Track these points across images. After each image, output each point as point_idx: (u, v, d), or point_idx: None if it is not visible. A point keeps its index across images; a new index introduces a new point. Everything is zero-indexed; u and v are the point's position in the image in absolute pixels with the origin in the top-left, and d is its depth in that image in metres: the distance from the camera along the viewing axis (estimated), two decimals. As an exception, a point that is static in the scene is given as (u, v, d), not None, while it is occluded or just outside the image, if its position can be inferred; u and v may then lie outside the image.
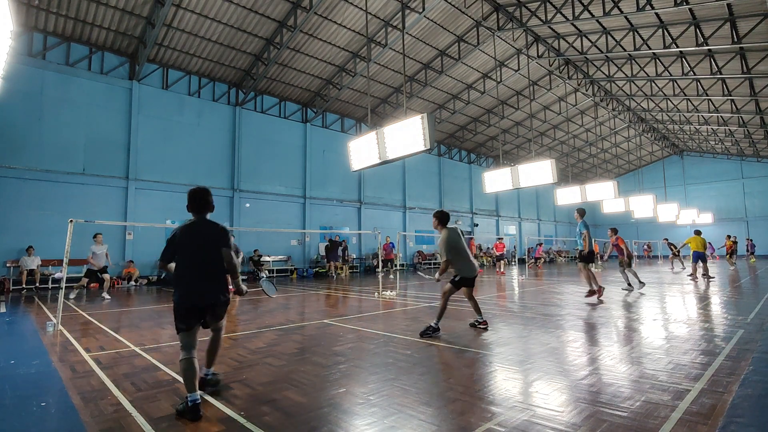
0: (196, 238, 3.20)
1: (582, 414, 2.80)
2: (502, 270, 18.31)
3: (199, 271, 3.15)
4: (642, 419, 2.70)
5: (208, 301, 3.16)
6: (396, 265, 16.56)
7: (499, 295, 10.30)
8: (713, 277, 13.20)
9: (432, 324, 5.42)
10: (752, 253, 24.77)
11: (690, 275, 13.07)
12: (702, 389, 3.24)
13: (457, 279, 5.58)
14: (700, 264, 12.84)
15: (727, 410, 2.82)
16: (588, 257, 8.69)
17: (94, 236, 10.28)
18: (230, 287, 3.39)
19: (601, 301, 8.29)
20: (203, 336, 3.42)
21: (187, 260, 3.17)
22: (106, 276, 10.35)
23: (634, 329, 5.78)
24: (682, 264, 20.85)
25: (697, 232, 13.23)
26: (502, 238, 20.24)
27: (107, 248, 10.43)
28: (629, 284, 10.24)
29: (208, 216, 3.34)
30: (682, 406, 2.90)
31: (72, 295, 9.98)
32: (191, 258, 3.16)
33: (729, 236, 20.62)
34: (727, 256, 19.94)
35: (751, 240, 26.30)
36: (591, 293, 8.52)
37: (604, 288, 8.81)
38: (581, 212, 9.09)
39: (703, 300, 8.71)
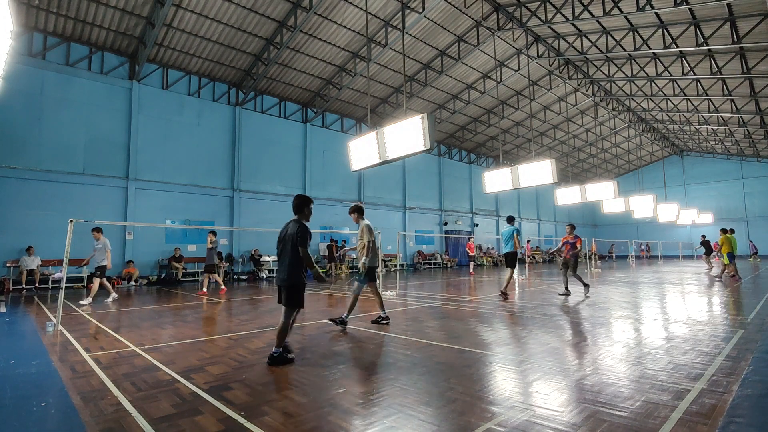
0: (283, 233, 4.53)
1: (582, 414, 2.80)
2: (471, 271, 18.04)
3: (281, 259, 4.45)
4: (642, 419, 2.70)
5: (280, 282, 4.35)
6: (396, 265, 16.55)
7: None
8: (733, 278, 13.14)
9: (381, 314, 6.26)
10: (755, 254, 24.82)
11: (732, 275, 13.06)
12: (702, 389, 3.24)
13: (363, 273, 6.17)
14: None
15: (727, 410, 2.82)
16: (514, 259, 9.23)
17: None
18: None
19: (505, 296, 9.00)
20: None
21: (279, 250, 4.47)
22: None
23: (634, 329, 5.78)
24: (710, 264, 19.60)
25: (732, 231, 13.43)
26: (472, 238, 20.29)
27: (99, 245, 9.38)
28: (567, 289, 9.52)
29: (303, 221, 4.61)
30: (682, 406, 2.90)
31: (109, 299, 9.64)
32: (282, 249, 4.45)
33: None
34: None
35: (752, 242, 26.40)
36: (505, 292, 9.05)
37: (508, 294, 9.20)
38: (510, 218, 9.69)
39: (703, 300, 8.71)
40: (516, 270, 9.29)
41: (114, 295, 9.83)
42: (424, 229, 24.68)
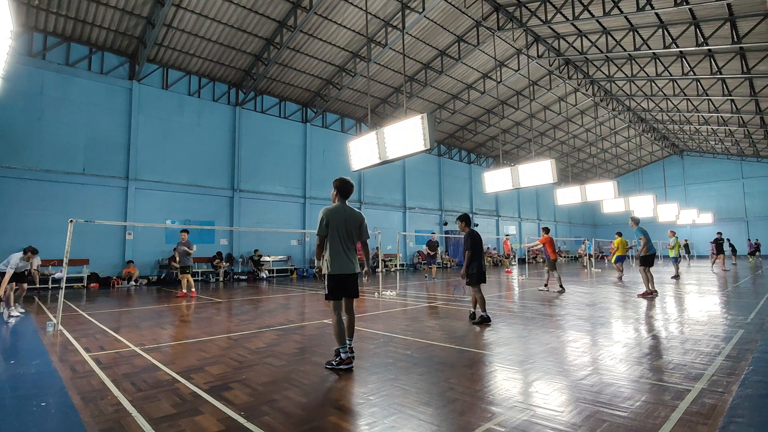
0: (479, 239, 5.77)
1: (582, 414, 2.80)
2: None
3: (481, 256, 5.43)
4: (642, 419, 2.70)
5: (483, 270, 5.52)
6: (396, 265, 16.51)
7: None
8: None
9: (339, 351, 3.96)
10: (751, 254, 24.70)
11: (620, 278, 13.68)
12: (702, 389, 3.24)
13: (329, 286, 4.01)
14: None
15: (727, 410, 2.82)
16: (646, 260, 9.55)
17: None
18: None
19: (652, 297, 8.99)
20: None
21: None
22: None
23: (634, 329, 5.78)
24: (722, 264, 18.63)
25: (619, 234, 14.32)
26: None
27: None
28: (546, 285, 10.77)
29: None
30: (682, 406, 2.90)
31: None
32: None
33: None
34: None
35: (751, 240, 26.30)
36: (646, 293, 9.18)
37: (656, 292, 9.42)
38: (636, 220, 10.04)
39: (703, 300, 8.71)
40: (647, 269, 9.47)
41: None
42: (424, 229, 24.67)
